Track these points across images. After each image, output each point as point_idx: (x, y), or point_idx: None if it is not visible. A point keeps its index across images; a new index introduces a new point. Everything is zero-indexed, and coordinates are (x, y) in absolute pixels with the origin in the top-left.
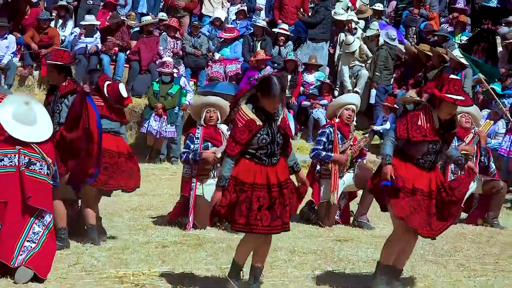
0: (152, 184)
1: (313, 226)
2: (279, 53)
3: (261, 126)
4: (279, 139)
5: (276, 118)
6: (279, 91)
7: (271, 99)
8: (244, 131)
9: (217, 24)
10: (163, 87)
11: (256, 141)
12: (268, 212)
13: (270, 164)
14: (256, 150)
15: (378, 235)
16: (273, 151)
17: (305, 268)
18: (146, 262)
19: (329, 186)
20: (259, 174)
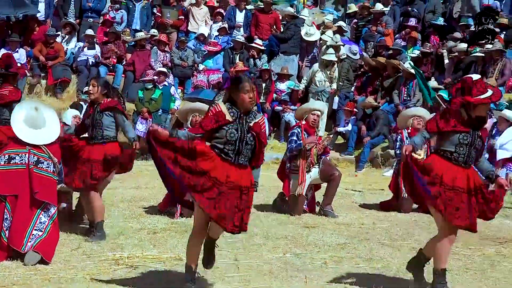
0: (145, 179)
1: (284, 214)
2: (255, 64)
3: (229, 122)
4: (248, 139)
5: (249, 119)
6: (249, 83)
7: (243, 91)
8: (211, 120)
9: (201, 39)
10: (147, 93)
11: (224, 134)
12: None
13: (237, 163)
14: (224, 145)
15: (341, 223)
16: (241, 149)
17: (277, 251)
18: (139, 246)
19: (297, 180)
20: (220, 169)
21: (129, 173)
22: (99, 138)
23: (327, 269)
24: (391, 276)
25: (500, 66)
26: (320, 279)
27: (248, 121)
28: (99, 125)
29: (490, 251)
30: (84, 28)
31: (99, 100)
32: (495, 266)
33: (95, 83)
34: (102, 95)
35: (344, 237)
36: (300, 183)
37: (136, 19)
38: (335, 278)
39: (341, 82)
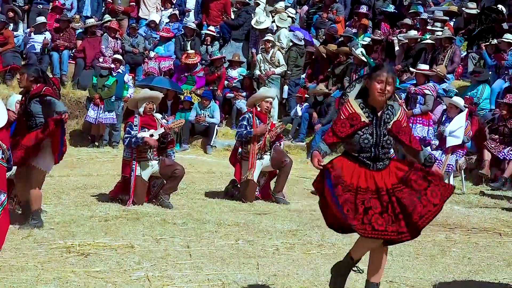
0: (96, 166)
1: (236, 201)
2: (207, 51)
3: (366, 124)
4: (385, 143)
5: (387, 118)
6: (388, 73)
7: (376, 79)
8: (345, 124)
9: (152, 26)
10: (100, 80)
11: (357, 140)
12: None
13: (376, 170)
14: (358, 153)
15: (292, 209)
16: (378, 155)
17: (229, 238)
18: (91, 234)
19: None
20: (362, 178)
21: (80, 161)
22: (33, 126)
23: (279, 256)
24: None
25: (450, 54)
26: (272, 265)
27: (386, 121)
28: (31, 114)
29: (441, 237)
30: (34, 14)
31: (29, 88)
32: (445, 252)
33: (22, 71)
34: (31, 82)
35: (295, 224)
36: (250, 168)
37: (86, 5)
38: (287, 265)
39: (289, 70)
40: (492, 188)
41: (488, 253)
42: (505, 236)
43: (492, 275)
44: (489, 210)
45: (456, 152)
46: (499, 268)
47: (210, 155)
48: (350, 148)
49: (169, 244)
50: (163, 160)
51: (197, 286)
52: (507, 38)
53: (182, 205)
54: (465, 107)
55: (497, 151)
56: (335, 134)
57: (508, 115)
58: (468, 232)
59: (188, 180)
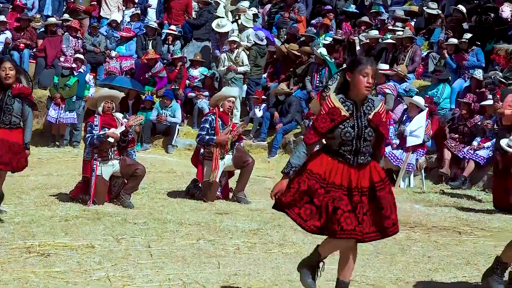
0: (56, 166)
1: (197, 201)
2: (168, 50)
3: (346, 117)
4: (367, 135)
5: (368, 110)
6: (371, 65)
7: (361, 73)
8: (325, 119)
9: (113, 26)
10: (62, 79)
11: (338, 134)
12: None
13: (356, 164)
14: (339, 147)
15: (253, 209)
16: (360, 148)
17: (190, 237)
18: (51, 234)
19: (211, 167)
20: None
21: (41, 160)
22: (6, 123)
23: (240, 255)
24: None
25: (410, 53)
26: (233, 265)
27: (367, 112)
28: (9, 111)
29: (401, 236)
30: None
31: (12, 84)
32: (405, 251)
33: (12, 66)
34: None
35: (257, 223)
36: (214, 170)
37: (48, 4)
38: (248, 264)
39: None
40: (452, 187)
41: (448, 252)
42: (464, 235)
43: (452, 273)
44: (448, 209)
45: (416, 151)
46: (458, 266)
47: (171, 154)
48: (331, 143)
49: (130, 244)
50: (124, 160)
51: (158, 285)
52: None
53: (143, 204)
54: (425, 107)
55: (457, 150)
56: (316, 131)
57: (468, 115)
58: (428, 230)
59: (149, 180)
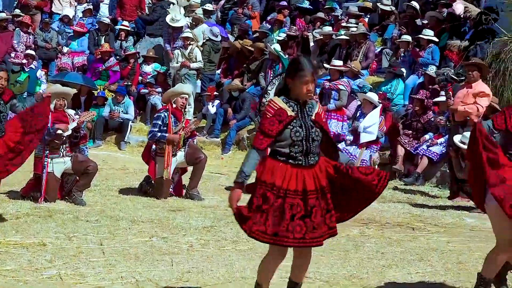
0: None
1: (150, 198)
2: (121, 46)
3: (293, 117)
4: (315, 135)
5: (309, 111)
6: (309, 71)
7: (300, 80)
8: (273, 122)
9: (65, 21)
10: (13, 75)
11: (288, 135)
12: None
13: (308, 165)
14: (289, 148)
15: (207, 205)
16: (310, 148)
17: (143, 235)
18: (2, 232)
19: (163, 164)
20: (293, 179)
21: None
22: (2, 131)
23: (193, 252)
24: (256, 257)
25: (364, 49)
26: (186, 262)
27: (309, 113)
28: (5, 118)
29: (354, 232)
30: None
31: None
32: (359, 247)
33: (6, 77)
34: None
35: (210, 220)
36: (166, 167)
37: None
38: (201, 261)
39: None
40: (405, 183)
41: (401, 248)
42: (417, 231)
43: (405, 269)
44: (402, 205)
45: (370, 147)
46: (412, 263)
47: (124, 151)
48: (280, 146)
49: (81, 241)
50: (76, 156)
51: (110, 284)
52: (427, 34)
53: (95, 202)
54: (379, 103)
55: (410, 146)
56: (266, 135)
57: (421, 111)
58: (382, 227)
59: (101, 177)
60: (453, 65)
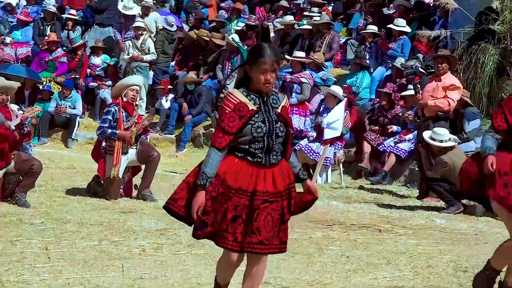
0: None
1: (99, 199)
2: (68, 36)
3: (255, 111)
4: (279, 131)
5: (274, 103)
6: (270, 59)
7: (259, 69)
8: (233, 117)
9: (8, 9)
10: None
11: (249, 131)
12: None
13: (269, 164)
14: (249, 144)
15: (160, 207)
16: (272, 146)
17: (92, 238)
18: None
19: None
20: (254, 176)
21: None
22: None
23: (146, 257)
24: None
25: (328, 40)
26: (138, 267)
27: (274, 106)
28: None
29: (318, 235)
30: None
31: None
32: (323, 250)
33: None
34: None
35: (164, 222)
36: (115, 165)
37: None
38: (154, 266)
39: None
40: (371, 182)
41: (368, 251)
42: (384, 233)
43: (372, 273)
44: (368, 206)
45: (334, 144)
46: (379, 267)
47: (71, 149)
48: (240, 142)
49: (25, 246)
50: (19, 155)
51: None
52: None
53: (40, 203)
54: (344, 97)
55: (377, 143)
56: (225, 132)
57: (388, 105)
58: (347, 229)
59: (47, 176)
60: (422, 57)
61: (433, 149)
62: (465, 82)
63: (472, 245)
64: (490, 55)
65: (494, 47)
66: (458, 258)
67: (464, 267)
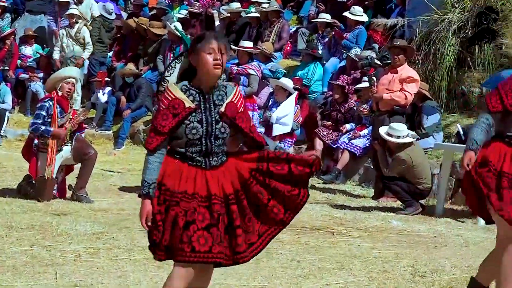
0: None
1: (31, 200)
2: None
3: (192, 109)
4: (219, 132)
5: (218, 100)
6: (216, 40)
7: (204, 49)
8: (166, 115)
9: None
10: None
11: (183, 132)
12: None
13: (210, 167)
14: (185, 147)
15: (97, 209)
16: (210, 149)
17: (23, 243)
18: None
19: (46, 160)
20: (191, 180)
21: None
22: None
23: (81, 263)
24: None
25: (277, 29)
26: (73, 274)
27: (218, 104)
28: None
29: None
30: None
31: None
32: (272, 255)
33: None
34: None
35: (100, 225)
36: (49, 164)
37: None
38: (90, 273)
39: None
40: (324, 181)
41: (320, 255)
42: (338, 236)
43: (324, 279)
44: (320, 207)
45: (284, 140)
46: (332, 272)
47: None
48: (176, 144)
49: None
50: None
51: None
52: (355, 13)
53: None
54: (294, 90)
55: (330, 139)
56: (157, 132)
57: (342, 99)
58: (298, 231)
59: None
60: (378, 47)
61: (389, 146)
62: (424, 74)
63: (430, 248)
64: (449, 45)
65: (454, 36)
66: (415, 262)
67: (422, 271)
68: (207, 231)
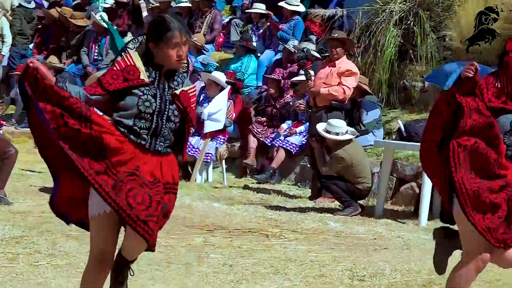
0: None
1: None
2: None
3: (145, 83)
4: (172, 114)
5: (174, 85)
6: (180, 31)
7: (168, 44)
8: (117, 75)
9: None
10: None
11: (135, 102)
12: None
13: (153, 150)
14: (134, 119)
15: (16, 211)
16: (160, 128)
17: None
18: None
19: None
20: (135, 158)
21: None
22: None
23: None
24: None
25: (209, 20)
26: None
27: (172, 87)
28: None
29: (197, 241)
30: None
31: None
32: (203, 259)
33: None
34: None
35: (20, 229)
36: None
37: None
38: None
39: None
40: (258, 181)
41: (253, 259)
42: (273, 238)
43: (258, 284)
44: (254, 208)
45: (216, 138)
46: (266, 276)
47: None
48: (122, 115)
49: None
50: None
51: None
52: (292, 3)
53: None
54: (227, 84)
55: (264, 137)
56: (101, 86)
57: (277, 94)
58: (230, 234)
59: None
60: (316, 39)
61: (327, 143)
62: (363, 67)
63: (370, 251)
64: (391, 37)
65: (396, 27)
66: (354, 266)
67: (361, 275)
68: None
